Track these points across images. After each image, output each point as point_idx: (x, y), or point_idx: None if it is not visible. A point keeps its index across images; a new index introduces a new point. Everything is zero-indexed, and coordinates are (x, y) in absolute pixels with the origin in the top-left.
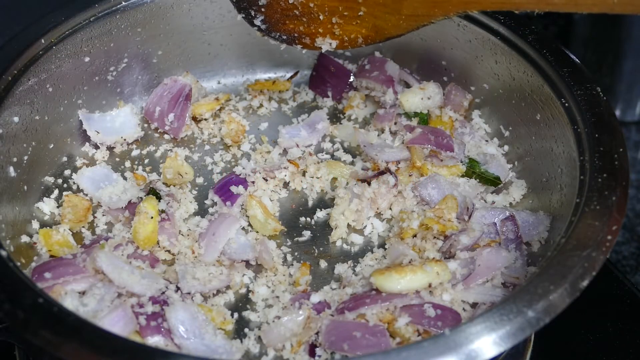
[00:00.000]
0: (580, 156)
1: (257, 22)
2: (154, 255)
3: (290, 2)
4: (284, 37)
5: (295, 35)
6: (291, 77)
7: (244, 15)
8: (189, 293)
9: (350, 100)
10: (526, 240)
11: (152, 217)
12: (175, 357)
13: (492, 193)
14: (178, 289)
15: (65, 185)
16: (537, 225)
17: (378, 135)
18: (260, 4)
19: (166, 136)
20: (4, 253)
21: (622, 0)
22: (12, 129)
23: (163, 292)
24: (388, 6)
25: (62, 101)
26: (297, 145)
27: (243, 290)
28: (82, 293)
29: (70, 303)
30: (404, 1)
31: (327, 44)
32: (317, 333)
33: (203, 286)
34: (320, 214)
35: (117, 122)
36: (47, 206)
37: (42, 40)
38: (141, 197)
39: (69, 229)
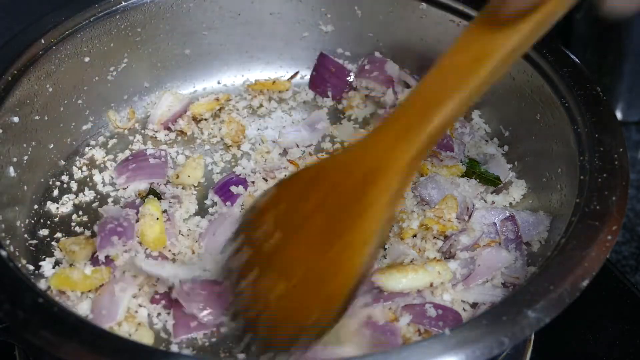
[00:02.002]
0: (580, 156)
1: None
2: (164, 254)
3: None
4: None
5: None
6: (291, 77)
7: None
8: None
9: (350, 100)
10: (526, 240)
11: (157, 219)
12: (175, 357)
13: (492, 193)
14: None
15: (65, 186)
16: (537, 225)
17: None
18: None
19: (169, 137)
20: (4, 253)
21: None
22: (12, 129)
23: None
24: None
25: (62, 101)
26: (297, 145)
27: None
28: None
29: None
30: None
31: None
32: None
33: (215, 276)
34: None
35: None
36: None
37: (42, 40)
38: (143, 198)
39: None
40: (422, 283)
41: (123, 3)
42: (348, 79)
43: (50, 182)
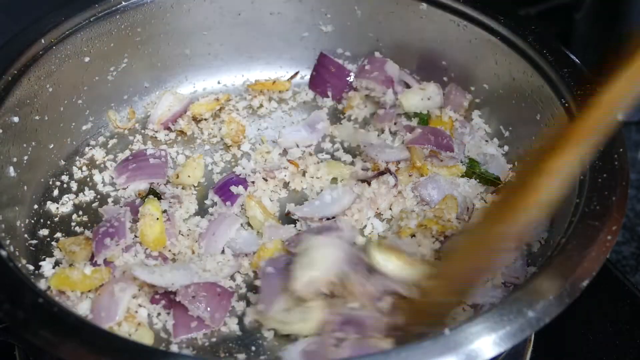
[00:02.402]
0: None
1: None
2: (164, 254)
3: None
4: None
5: None
6: (291, 77)
7: None
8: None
9: (350, 100)
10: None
11: (157, 219)
12: (175, 357)
13: (492, 193)
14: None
15: (65, 186)
16: (537, 225)
17: (378, 135)
18: None
19: (169, 137)
20: (4, 253)
21: None
22: (12, 129)
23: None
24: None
25: (62, 101)
26: (297, 145)
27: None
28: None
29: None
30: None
31: None
32: None
33: (216, 276)
34: None
35: None
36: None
37: (42, 40)
38: (142, 198)
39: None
40: (410, 277)
41: (123, 3)
42: (348, 79)
43: (50, 182)
